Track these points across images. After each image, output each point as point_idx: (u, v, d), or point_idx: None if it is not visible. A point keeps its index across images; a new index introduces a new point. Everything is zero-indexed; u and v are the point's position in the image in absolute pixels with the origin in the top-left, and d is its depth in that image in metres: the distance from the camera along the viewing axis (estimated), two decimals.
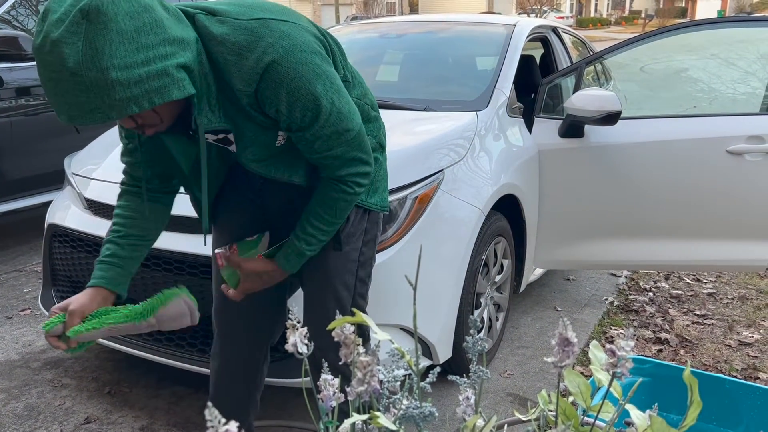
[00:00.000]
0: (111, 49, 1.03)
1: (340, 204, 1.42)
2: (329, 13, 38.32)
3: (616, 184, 2.78)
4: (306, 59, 1.25)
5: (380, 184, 1.59)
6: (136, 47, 1.06)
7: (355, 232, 1.56)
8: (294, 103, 1.26)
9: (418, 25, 3.66)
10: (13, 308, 3.17)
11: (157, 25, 1.09)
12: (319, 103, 1.28)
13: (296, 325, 0.71)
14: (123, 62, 1.04)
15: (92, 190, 2.39)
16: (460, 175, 2.33)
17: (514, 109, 2.87)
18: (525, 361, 2.69)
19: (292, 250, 1.46)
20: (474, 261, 2.32)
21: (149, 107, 1.10)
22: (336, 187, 1.41)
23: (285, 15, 1.29)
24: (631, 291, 3.51)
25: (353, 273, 1.58)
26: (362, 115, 1.53)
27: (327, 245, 1.52)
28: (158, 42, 1.09)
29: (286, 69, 1.23)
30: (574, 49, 4.16)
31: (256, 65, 1.21)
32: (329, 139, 1.33)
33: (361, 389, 0.68)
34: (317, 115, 1.29)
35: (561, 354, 0.65)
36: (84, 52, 1.02)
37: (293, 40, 1.24)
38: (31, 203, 3.87)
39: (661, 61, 3.24)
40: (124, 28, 1.04)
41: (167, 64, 1.10)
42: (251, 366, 1.74)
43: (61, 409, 2.31)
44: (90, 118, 1.07)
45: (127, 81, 1.06)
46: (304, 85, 1.25)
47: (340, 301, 1.57)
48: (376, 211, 1.60)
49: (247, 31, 1.22)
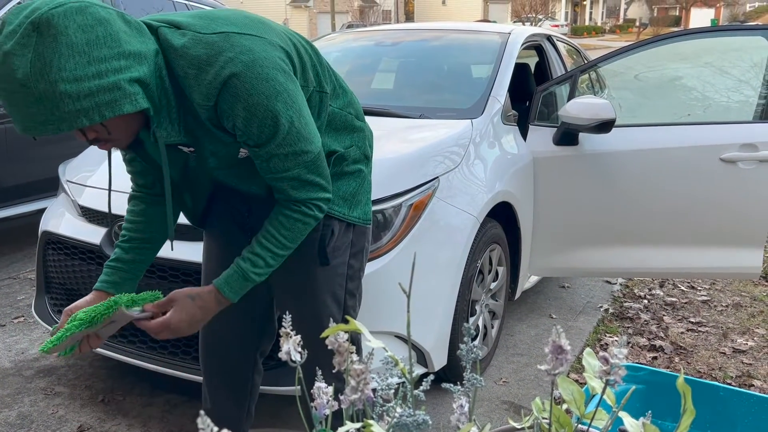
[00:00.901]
0: (60, 61, 1.03)
1: (298, 225, 1.36)
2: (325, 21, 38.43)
3: (610, 192, 2.79)
4: (266, 75, 1.22)
5: (363, 197, 1.56)
6: (87, 60, 1.05)
7: (341, 245, 1.53)
8: (251, 118, 1.23)
9: (414, 33, 3.67)
10: (7, 316, 3.15)
11: (111, 38, 1.08)
12: (278, 121, 1.24)
13: (290, 333, 0.71)
14: (72, 75, 1.04)
15: (87, 197, 2.38)
16: (455, 182, 2.33)
17: (509, 116, 2.88)
18: (520, 368, 2.69)
19: (236, 273, 1.35)
20: (469, 268, 2.32)
21: (100, 120, 1.09)
22: (294, 207, 1.36)
23: (250, 29, 1.26)
24: (625, 298, 3.52)
25: (342, 286, 1.56)
26: (346, 125, 1.51)
27: (313, 260, 1.49)
28: (112, 56, 1.08)
29: (244, 84, 1.20)
30: (569, 57, 4.18)
31: (214, 79, 1.19)
32: (285, 159, 1.30)
33: (355, 397, 0.68)
34: (275, 133, 1.26)
35: (555, 362, 0.65)
36: (33, 64, 1.02)
37: (254, 54, 1.21)
38: (26, 210, 3.86)
39: (655, 69, 3.26)
40: (74, 41, 1.04)
41: (119, 78, 1.09)
42: (239, 376, 1.73)
43: (54, 417, 2.30)
44: (42, 130, 1.07)
45: (77, 94, 1.05)
46: (262, 101, 1.22)
47: (331, 317, 1.54)
48: (360, 225, 1.56)
49: (207, 45, 1.20)
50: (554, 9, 49.60)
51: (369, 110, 2.83)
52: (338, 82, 1.52)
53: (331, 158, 1.49)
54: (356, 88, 3.28)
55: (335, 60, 3.59)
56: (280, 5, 40.05)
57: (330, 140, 1.49)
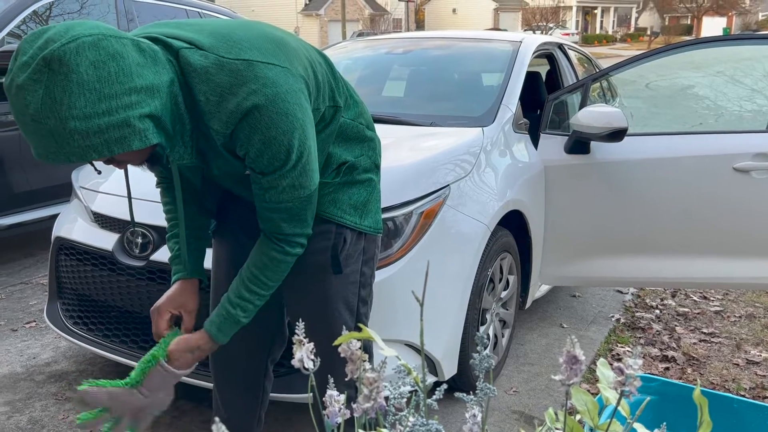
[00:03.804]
0: (70, 99, 1.02)
1: (282, 266, 1.40)
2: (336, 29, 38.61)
3: (622, 201, 2.78)
4: (287, 110, 1.22)
5: (373, 206, 1.57)
6: (97, 97, 1.04)
7: (354, 253, 1.54)
8: (264, 150, 1.24)
9: (425, 42, 3.68)
10: (19, 321, 3.17)
11: (123, 73, 1.07)
12: (289, 156, 1.26)
13: (303, 341, 0.71)
14: (82, 112, 1.03)
15: (99, 203, 2.39)
16: (466, 190, 2.33)
17: (520, 125, 2.88)
18: (531, 378, 2.67)
19: (227, 320, 1.40)
20: (480, 277, 2.31)
21: (109, 155, 1.10)
22: (277, 247, 1.38)
23: (273, 56, 1.24)
24: (637, 308, 3.49)
25: (355, 294, 1.57)
26: (356, 135, 1.52)
27: (326, 269, 1.50)
28: (123, 91, 1.07)
29: (264, 117, 1.20)
30: (580, 65, 4.17)
31: (236, 109, 1.19)
32: (283, 191, 1.31)
33: (368, 406, 0.68)
34: (282, 165, 1.27)
35: (569, 372, 0.65)
36: (44, 101, 1.02)
37: (277, 88, 1.21)
38: (39, 216, 3.89)
39: (666, 78, 3.24)
40: (85, 79, 1.03)
41: (129, 114, 1.08)
42: (250, 383, 1.74)
43: (64, 422, 2.30)
44: (54, 159, 1.08)
45: (86, 131, 1.05)
46: (279, 135, 1.23)
47: (344, 324, 1.54)
48: (371, 234, 1.57)
49: (231, 72, 1.19)
50: (565, 17, 49.59)
51: (380, 118, 2.84)
52: (350, 94, 1.53)
53: (342, 167, 1.49)
54: (367, 96, 3.30)
55: (346, 68, 3.60)
56: (291, 13, 40.29)
57: (341, 150, 1.49)
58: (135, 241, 2.17)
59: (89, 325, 2.35)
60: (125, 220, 2.21)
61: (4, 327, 3.10)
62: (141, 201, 2.19)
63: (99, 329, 2.31)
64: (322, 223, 1.49)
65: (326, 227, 1.49)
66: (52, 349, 2.87)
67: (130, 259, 2.17)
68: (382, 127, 2.73)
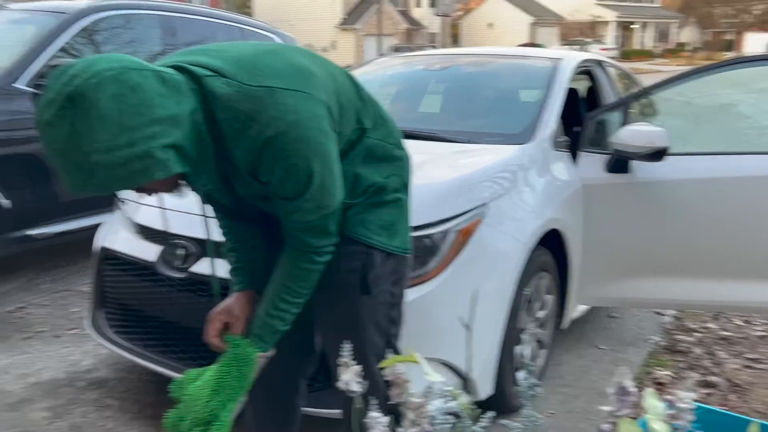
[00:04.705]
0: (93, 133, 1.05)
1: (313, 275, 1.42)
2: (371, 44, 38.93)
3: (663, 221, 2.72)
4: (307, 136, 1.24)
5: (402, 226, 1.56)
6: (119, 130, 1.06)
7: (383, 274, 1.53)
8: (287, 177, 1.26)
9: (463, 58, 3.69)
10: (61, 327, 3.25)
11: (144, 105, 1.09)
12: (311, 180, 1.28)
13: (350, 363, 0.71)
14: (105, 146, 1.06)
15: (142, 215, 2.45)
16: (504, 208, 2.31)
17: (560, 142, 2.86)
18: (567, 400, 2.63)
19: (268, 330, 1.45)
20: (517, 296, 2.29)
21: (133, 186, 1.14)
22: (307, 258, 1.41)
23: (294, 82, 1.25)
24: (677, 331, 3.41)
25: (386, 315, 1.56)
26: (385, 155, 1.52)
27: (355, 290, 1.51)
28: (144, 123, 1.09)
29: (286, 145, 1.22)
30: (619, 81, 4.12)
31: (257, 137, 1.21)
32: (309, 212, 1.34)
33: (413, 431, 0.68)
34: (306, 190, 1.29)
35: (619, 404, 0.64)
36: (68, 136, 1.05)
37: (298, 115, 1.22)
38: (82, 225, 3.98)
39: (706, 95, 3.17)
40: (106, 113, 1.05)
41: (151, 145, 1.10)
42: (282, 399, 1.74)
43: (103, 429, 2.35)
44: (83, 190, 1.12)
45: (110, 164, 1.08)
46: (300, 162, 1.24)
47: (374, 346, 1.55)
48: (400, 254, 1.56)
49: (253, 99, 1.21)
50: (603, 32, 49.10)
51: (416, 134, 2.85)
52: (379, 113, 1.53)
53: (369, 189, 1.49)
54: (403, 112, 3.31)
55: (382, 83, 3.63)
56: (328, 28, 40.75)
57: (370, 171, 1.49)
58: (176, 253, 2.21)
59: (130, 335, 2.39)
60: (167, 232, 2.25)
61: (48, 333, 3.18)
62: (181, 213, 2.24)
63: (139, 339, 2.36)
64: (351, 244, 1.49)
65: (355, 248, 1.50)
66: (93, 356, 2.93)
67: (171, 271, 2.21)
68: (418, 143, 2.73)
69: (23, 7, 4.52)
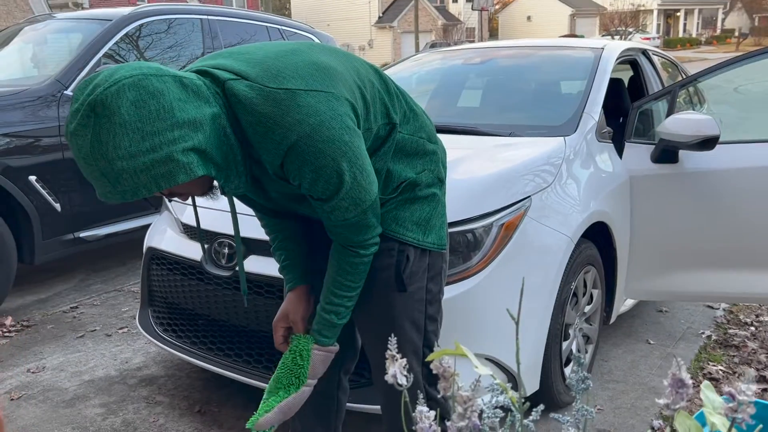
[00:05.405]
0: (115, 140, 1.07)
1: (360, 267, 1.43)
2: (409, 41, 38.86)
3: (713, 212, 2.64)
4: (332, 136, 1.23)
5: (437, 221, 1.54)
6: (141, 136, 1.08)
7: (418, 270, 1.52)
8: (317, 179, 1.26)
9: (501, 51, 3.65)
10: (112, 326, 3.34)
11: (164, 110, 1.10)
12: (342, 179, 1.27)
13: (396, 356, 0.71)
14: (127, 152, 1.08)
15: (189, 215, 2.50)
16: (548, 201, 2.28)
17: (604, 133, 2.80)
18: (616, 396, 2.58)
19: (325, 324, 1.48)
20: (563, 290, 2.25)
21: (158, 191, 1.15)
22: (353, 253, 1.42)
23: (317, 82, 1.25)
24: (730, 324, 3.31)
25: (422, 312, 1.55)
26: (417, 149, 1.51)
27: (391, 287, 1.51)
28: (165, 128, 1.10)
29: (311, 147, 1.22)
30: (664, 70, 4.02)
31: (282, 141, 1.21)
32: (347, 210, 1.34)
33: (462, 425, 0.67)
34: (338, 189, 1.29)
35: (675, 396, 0.62)
36: (92, 145, 1.08)
37: (321, 116, 1.22)
38: (131, 226, 4.09)
39: (756, 81, 3.06)
40: (127, 119, 1.07)
41: (173, 149, 1.11)
42: (324, 394, 1.75)
43: (155, 425, 2.40)
44: (111, 197, 1.14)
45: (133, 169, 1.10)
46: (328, 162, 1.24)
47: (411, 343, 1.54)
48: (435, 250, 1.55)
49: (275, 102, 1.21)
50: (645, 21, 47.93)
51: (456, 129, 2.83)
52: (409, 107, 1.51)
53: (402, 185, 1.49)
54: (443, 107, 3.30)
55: (420, 79, 3.61)
56: (365, 27, 40.88)
57: (402, 167, 1.49)
58: (222, 251, 2.25)
59: (178, 332, 2.45)
60: (213, 231, 2.29)
61: (99, 332, 3.28)
62: (225, 213, 2.27)
63: (187, 336, 2.40)
64: (385, 241, 1.49)
65: (389, 244, 1.49)
66: (143, 354, 3.01)
67: (217, 269, 2.25)
68: (458, 138, 2.72)
69: (70, 16, 4.66)
